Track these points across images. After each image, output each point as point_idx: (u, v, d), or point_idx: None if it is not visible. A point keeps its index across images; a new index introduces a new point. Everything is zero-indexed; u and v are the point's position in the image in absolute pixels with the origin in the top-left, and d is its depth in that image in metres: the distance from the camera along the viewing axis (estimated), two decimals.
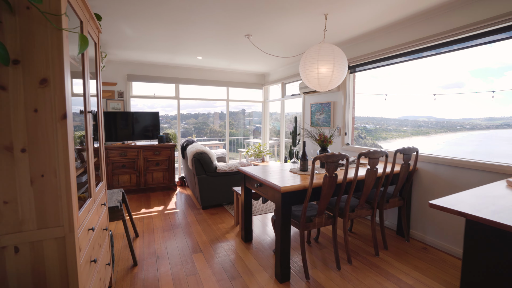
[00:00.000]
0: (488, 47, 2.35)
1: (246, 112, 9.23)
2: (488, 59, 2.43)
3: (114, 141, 4.52)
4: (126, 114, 4.60)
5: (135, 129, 4.69)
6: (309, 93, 4.33)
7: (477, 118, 2.69)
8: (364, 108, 3.91)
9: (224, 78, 5.66)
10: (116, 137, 4.53)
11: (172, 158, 4.74)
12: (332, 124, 4.00)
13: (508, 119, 2.46)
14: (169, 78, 5.11)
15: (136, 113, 4.69)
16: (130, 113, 4.65)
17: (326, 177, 2.02)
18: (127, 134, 4.62)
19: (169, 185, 4.75)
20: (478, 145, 2.91)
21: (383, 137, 6.41)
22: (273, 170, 2.61)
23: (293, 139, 4.53)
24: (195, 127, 8.02)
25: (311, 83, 2.58)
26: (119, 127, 4.55)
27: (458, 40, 2.37)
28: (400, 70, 3.63)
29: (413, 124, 4.32)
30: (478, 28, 2.20)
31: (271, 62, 4.80)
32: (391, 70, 3.68)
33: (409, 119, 4.39)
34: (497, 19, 2.08)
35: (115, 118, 4.51)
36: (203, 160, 3.63)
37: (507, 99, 2.28)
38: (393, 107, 3.70)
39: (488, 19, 2.14)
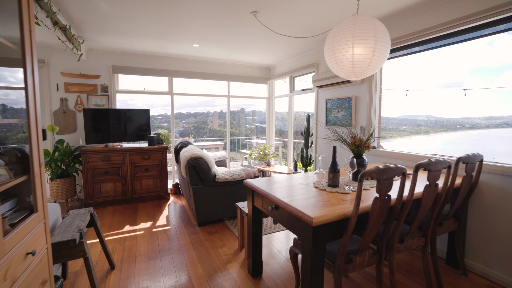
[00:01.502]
0: (488, 46, 2.36)
1: (247, 111, 8.70)
2: (488, 58, 2.39)
3: (95, 143, 3.86)
4: (110, 112, 3.94)
5: (121, 129, 4.04)
6: (324, 86, 3.68)
7: (477, 117, 2.64)
8: None
9: (224, 71, 5.00)
10: (98, 138, 3.88)
11: (164, 162, 4.09)
12: (353, 123, 3.35)
13: (507, 118, 2.43)
14: (161, 71, 4.45)
15: (122, 111, 4.04)
16: (116, 110, 3.99)
17: (377, 200, 1.38)
18: (111, 135, 3.97)
19: (160, 194, 4.11)
20: (473, 144, 2.82)
21: (383, 136, 7.18)
22: (290, 184, 1.97)
23: (305, 141, 3.89)
24: (194, 126, 7.75)
25: (342, 69, 1.93)
26: (102, 127, 3.90)
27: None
28: (397, 66, 3.10)
29: (413, 123, 3.91)
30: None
31: (278, 51, 4.15)
32: (390, 65, 3.11)
33: (408, 118, 3.96)
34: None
35: (98, 116, 3.86)
36: (199, 167, 2.98)
37: (507, 98, 2.25)
38: (392, 106, 3.26)
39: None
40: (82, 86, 3.95)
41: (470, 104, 2.60)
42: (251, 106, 9.06)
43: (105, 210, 3.63)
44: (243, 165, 8.16)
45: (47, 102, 3.77)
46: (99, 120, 3.87)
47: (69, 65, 3.88)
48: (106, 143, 3.95)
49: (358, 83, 3.21)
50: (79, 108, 3.97)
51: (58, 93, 3.85)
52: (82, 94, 3.99)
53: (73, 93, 3.93)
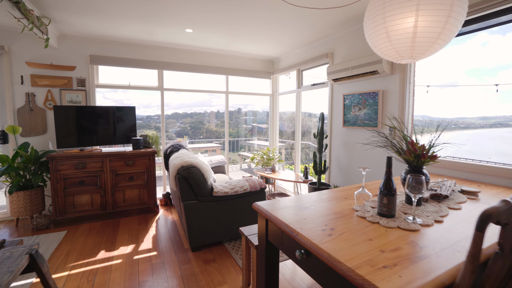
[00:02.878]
0: (482, 47, 2.38)
1: (244, 111, 8.24)
2: (483, 58, 2.40)
3: (69, 147, 3.23)
4: (88, 110, 3.32)
5: (101, 130, 3.41)
6: (342, 80, 3.10)
7: (471, 117, 2.62)
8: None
9: (223, 63, 4.40)
10: (73, 141, 3.25)
11: (151, 169, 3.47)
12: (379, 123, 2.77)
13: (500, 118, 2.44)
14: (149, 62, 3.83)
15: (103, 109, 3.41)
16: (95, 108, 3.37)
17: (499, 256, 0.79)
18: (89, 138, 3.34)
19: (148, 207, 3.49)
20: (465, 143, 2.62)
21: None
22: (321, 210, 1.38)
23: (319, 144, 3.30)
24: (191, 126, 7.52)
25: (395, 45, 1.34)
26: (78, 128, 3.27)
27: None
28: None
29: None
30: None
31: (284, 40, 3.55)
32: None
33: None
34: None
35: (72, 114, 3.23)
36: (192, 179, 2.37)
37: (503, 98, 2.28)
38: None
39: None
40: (53, 79, 3.32)
41: (465, 103, 2.58)
42: (248, 106, 8.60)
43: (79, 228, 3.00)
44: (242, 168, 7.56)
45: (9, 97, 3.12)
46: (74, 119, 3.24)
47: (37, 54, 3.25)
48: (82, 147, 3.32)
49: (387, 74, 2.63)
50: (50, 105, 3.33)
51: (23, 87, 3.21)
52: (54, 88, 3.35)
53: (42, 87, 3.29)
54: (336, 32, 3.24)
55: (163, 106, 4.07)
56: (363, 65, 2.75)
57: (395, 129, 2.57)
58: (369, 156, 2.91)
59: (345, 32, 3.17)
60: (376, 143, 2.80)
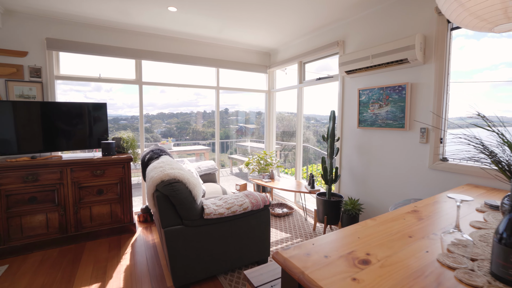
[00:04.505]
0: None
1: (231, 111, 7.81)
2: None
3: (16, 154, 2.54)
4: (45, 106, 2.63)
5: (61, 132, 2.73)
6: (357, 72, 2.59)
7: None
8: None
9: (213, 54, 3.80)
10: (23, 146, 2.55)
11: (126, 179, 2.83)
12: (407, 123, 2.28)
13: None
14: (125, 50, 3.18)
15: (64, 105, 2.74)
16: (54, 104, 2.69)
17: None
18: (45, 141, 2.66)
19: (122, 226, 2.84)
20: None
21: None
22: (385, 264, 0.83)
23: (330, 148, 2.78)
24: (177, 126, 7.17)
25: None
26: (31, 129, 2.58)
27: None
28: None
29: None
30: None
31: (285, 27, 3.02)
32: None
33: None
34: None
35: (23, 112, 2.54)
36: (176, 198, 1.77)
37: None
38: None
39: None
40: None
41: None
42: (235, 106, 8.25)
43: (27, 260, 2.32)
44: (234, 173, 6.97)
45: None
46: (26, 118, 2.55)
47: None
48: (34, 154, 2.64)
49: (419, 63, 2.14)
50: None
51: None
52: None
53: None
54: (349, 16, 2.74)
55: (141, 103, 3.42)
56: (388, 53, 2.25)
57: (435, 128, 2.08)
58: (393, 162, 2.42)
59: (361, 16, 2.67)
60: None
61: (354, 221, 2.59)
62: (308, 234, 2.84)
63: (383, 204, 2.52)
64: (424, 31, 2.13)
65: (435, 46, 2.05)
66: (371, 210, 2.64)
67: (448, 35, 2.01)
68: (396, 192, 2.41)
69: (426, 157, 2.17)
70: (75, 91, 6.00)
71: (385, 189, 2.51)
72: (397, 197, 2.39)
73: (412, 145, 2.26)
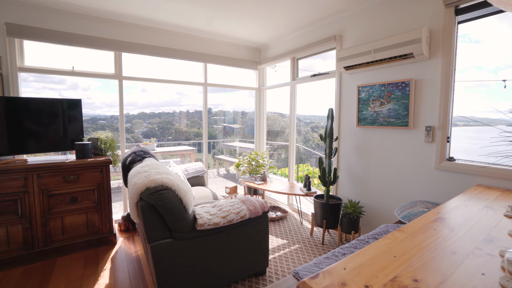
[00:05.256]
0: None
1: (214, 111, 7.67)
2: None
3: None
4: (8, 103, 2.27)
5: (28, 132, 2.38)
6: (357, 67, 2.46)
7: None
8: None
9: (201, 48, 3.54)
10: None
11: (105, 185, 2.52)
12: (411, 121, 2.17)
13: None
14: (102, 41, 2.85)
15: (28, 101, 2.38)
16: (17, 100, 2.33)
17: None
18: (9, 143, 2.30)
19: (100, 237, 2.53)
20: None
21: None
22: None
23: (328, 148, 2.63)
24: (159, 126, 6.92)
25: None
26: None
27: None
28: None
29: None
30: None
31: (277, 20, 2.83)
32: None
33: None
34: None
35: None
36: (165, 208, 1.53)
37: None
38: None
39: None
40: None
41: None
42: (218, 106, 8.15)
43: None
44: (220, 174, 6.71)
45: None
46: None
47: None
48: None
49: (424, 58, 2.03)
50: None
51: None
52: None
53: None
54: (348, 9, 2.60)
55: (121, 100, 3.11)
56: (392, 47, 2.13)
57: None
58: (395, 162, 2.31)
59: (360, 9, 2.54)
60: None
61: (355, 225, 2.45)
62: (306, 240, 2.68)
63: (386, 207, 2.41)
64: (429, 25, 2.02)
65: (442, 40, 1.94)
66: (373, 213, 2.52)
67: (456, 28, 1.91)
68: (399, 193, 2.30)
69: (431, 156, 2.06)
70: (49, 89, 5.49)
71: (387, 190, 2.39)
72: (401, 199, 2.28)
73: (416, 144, 2.15)
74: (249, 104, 4.42)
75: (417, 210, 1.90)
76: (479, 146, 2.25)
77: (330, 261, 1.43)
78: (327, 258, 1.45)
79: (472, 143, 2.21)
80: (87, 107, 6.01)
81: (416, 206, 1.97)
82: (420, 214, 1.85)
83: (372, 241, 1.65)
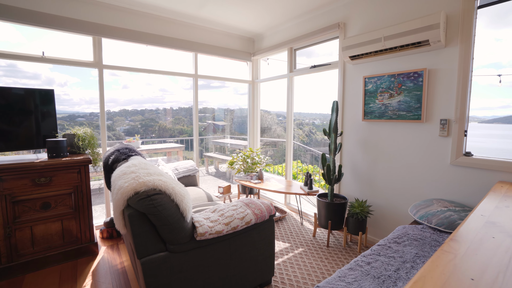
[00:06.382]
0: None
1: (199, 108, 7.44)
2: None
3: None
4: None
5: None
6: (364, 57, 2.29)
7: None
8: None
9: (191, 36, 3.25)
10: None
11: (84, 187, 2.20)
12: (424, 114, 2.03)
13: None
14: (78, 23, 2.50)
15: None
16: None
17: None
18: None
19: (79, 247, 2.21)
20: None
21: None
22: None
23: (333, 143, 2.44)
24: (142, 124, 6.65)
25: None
26: None
27: None
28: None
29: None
30: None
31: (274, 7, 2.61)
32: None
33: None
34: None
35: None
36: (158, 217, 1.27)
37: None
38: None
39: None
40: None
41: None
42: (203, 103, 8.02)
43: None
44: (210, 172, 6.42)
45: None
46: None
47: None
48: None
49: (440, 45, 1.88)
50: None
51: None
52: None
53: None
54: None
55: (102, 91, 2.76)
56: (405, 34, 1.96)
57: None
58: (406, 158, 2.16)
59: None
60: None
61: (362, 226, 2.30)
62: (310, 242, 2.49)
63: (395, 205, 2.26)
64: (446, 9, 1.87)
65: (461, 26, 1.80)
66: (381, 213, 2.37)
67: (475, 14, 1.77)
68: (410, 191, 2.16)
69: (447, 152, 1.93)
70: (21, 85, 4.97)
71: (396, 188, 2.25)
72: (413, 197, 2.14)
73: (430, 139, 2.02)
74: (235, 101, 4.20)
75: (435, 210, 1.76)
76: (492, 143, 2.16)
77: (355, 272, 1.24)
78: (351, 270, 1.26)
79: (481, 141, 2.11)
80: (64, 103, 5.54)
81: (433, 205, 1.83)
82: (440, 214, 1.71)
83: (394, 246, 1.48)
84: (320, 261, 2.17)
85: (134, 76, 6.58)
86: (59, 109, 3.51)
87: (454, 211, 1.71)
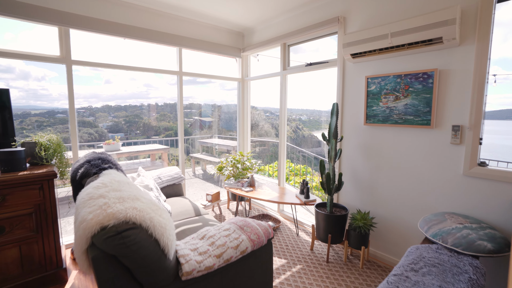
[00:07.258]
0: None
1: (185, 104, 7.13)
2: None
3: None
4: None
5: None
6: (367, 55, 2.08)
7: None
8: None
9: (175, 29, 2.92)
10: None
11: (47, 206, 1.87)
12: (434, 119, 1.85)
13: None
14: (43, 11, 2.12)
15: None
16: None
17: None
18: None
19: (44, 275, 1.89)
20: None
21: (316, 128, 7.04)
22: None
23: (333, 150, 2.23)
24: (125, 120, 6.35)
25: None
26: None
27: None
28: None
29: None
30: None
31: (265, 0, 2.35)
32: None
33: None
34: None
35: None
36: (132, 259, 1.00)
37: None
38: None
39: None
40: None
41: None
42: (189, 99, 7.79)
43: None
44: (196, 174, 6.11)
45: None
46: None
47: None
48: None
49: (454, 44, 1.70)
50: None
51: None
52: None
53: None
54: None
55: (71, 89, 2.41)
56: (415, 30, 1.76)
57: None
58: (413, 167, 1.99)
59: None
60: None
61: (365, 240, 2.12)
62: (307, 257, 2.29)
63: (400, 217, 2.09)
64: (461, 3, 1.69)
65: (479, 22, 1.61)
66: (384, 225, 2.20)
67: (494, 8, 1.60)
68: (418, 203, 1.99)
69: (459, 161, 1.76)
70: None
71: (402, 199, 2.07)
72: (420, 210, 1.98)
73: (440, 147, 1.84)
74: (222, 97, 3.93)
75: (450, 227, 1.59)
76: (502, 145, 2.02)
77: None
78: None
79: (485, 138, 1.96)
80: (42, 99, 5.07)
81: (446, 221, 1.66)
82: (456, 232, 1.54)
83: (413, 276, 1.29)
84: (321, 281, 1.97)
85: (117, 71, 6.19)
86: (36, 104, 3.08)
87: (471, 228, 1.54)
